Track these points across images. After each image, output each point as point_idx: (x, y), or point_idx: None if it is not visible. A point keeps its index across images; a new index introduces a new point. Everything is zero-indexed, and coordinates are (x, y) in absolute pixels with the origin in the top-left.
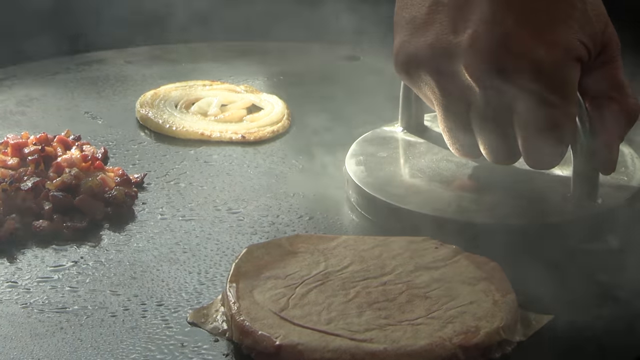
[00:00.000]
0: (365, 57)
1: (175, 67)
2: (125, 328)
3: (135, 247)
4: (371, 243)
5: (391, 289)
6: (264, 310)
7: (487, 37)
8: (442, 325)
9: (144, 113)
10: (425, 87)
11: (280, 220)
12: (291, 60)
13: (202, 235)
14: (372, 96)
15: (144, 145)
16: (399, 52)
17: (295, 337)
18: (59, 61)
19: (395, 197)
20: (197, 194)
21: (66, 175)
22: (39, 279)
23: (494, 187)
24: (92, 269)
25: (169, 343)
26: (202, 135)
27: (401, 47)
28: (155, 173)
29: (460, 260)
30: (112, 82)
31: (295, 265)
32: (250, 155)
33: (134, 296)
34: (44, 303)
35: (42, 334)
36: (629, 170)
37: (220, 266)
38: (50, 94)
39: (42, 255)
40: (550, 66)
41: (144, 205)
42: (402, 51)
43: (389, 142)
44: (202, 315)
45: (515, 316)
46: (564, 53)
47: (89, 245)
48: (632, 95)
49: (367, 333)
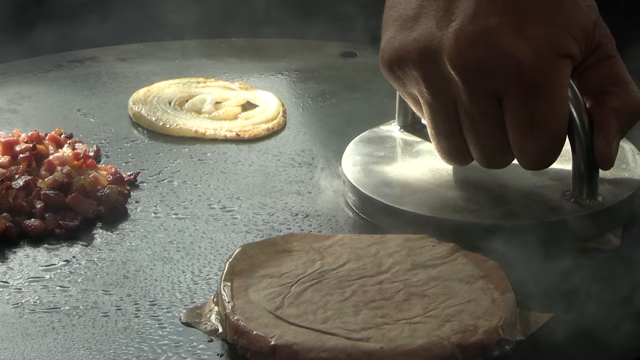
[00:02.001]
0: (362, 53)
1: (169, 64)
2: (117, 328)
3: (128, 246)
4: (367, 241)
5: (388, 287)
6: (258, 310)
7: (471, 30)
8: (439, 324)
9: (137, 110)
10: (412, 84)
11: (275, 218)
12: (286, 57)
13: (196, 234)
14: (369, 94)
15: (137, 143)
16: (384, 50)
17: (291, 336)
18: (50, 58)
19: (392, 197)
20: (191, 192)
21: (58, 173)
22: (30, 279)
23: (492, 186)
24: (85, 268)
25: (162, 343)
26: (196, 133)
27: (387, 44)
28: (148, 171)
29: (457, 258)
30: (105, 80)
31: (291, 263)
32: (245, 153)
33: (126, 296)
34: (36, 303)
35: (33, 334)
36: (630, 166)
37: (214, 265)
38: (42, 91)
39: (33, 254)
40: (533, 61)
41: (137, 203)
42: (387, 48)
43: (386, 142)
44: (196, 314)
45: (514, 315)
46: (549, 48)
47: (81, 245)
48: (636, 90)
49: (363, 332)
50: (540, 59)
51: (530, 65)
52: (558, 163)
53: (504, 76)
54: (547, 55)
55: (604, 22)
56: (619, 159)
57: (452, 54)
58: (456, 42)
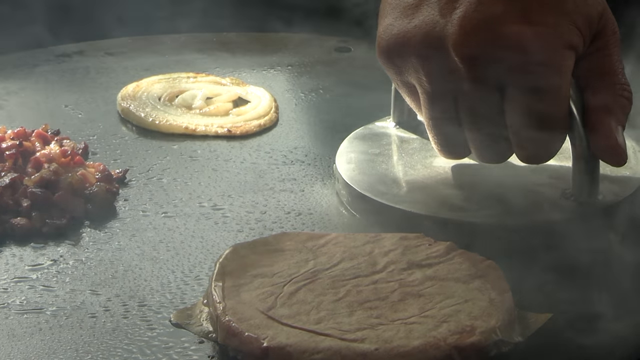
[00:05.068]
0: (357, 48)
1: (159, 58)
2: (106, 329)
3: (117, 246)
4: (362, 240)
5: (383, 287)
6: (250, 310)
7: (475, 17)
8: (436, 325)
9: (125, 106)
10: (410, 73)
11: (267, 217)
12: (279, 52)
13: (186, 233)
14: (364, 89)
15: (125, 139)
16: (382, 37)
17: (284, 337)
18: (37, 53)
19: (387, 195)
20: (181, 190)
21: (45, 171)
22: (16, 279)
23: (490, 184)
24: (72, 268)
25: (151, 345)
26: (186, 129)
27: (385, 31)
28: (137, 168)
29: (454, 257)
30: (93, 75)
31: (283, 263)
32: (237, 150)
33: (115, 296)
34: (22, 303)
35: (20, 335)
36: (631, 164)
37: (205, 265)
38: (29, 87)
39: (20, 254)
40: (537, 51)
41: (125, 202)
42: (385, 35)
43: (381, 138)
44: (186, 315)
45: (512, 315)
46: (553, 38)
47: (69, 244)
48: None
49: (358, 333)
50: (544, 49)
51: (534, 55)
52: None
53: (508, 65)
54: (552, 45)
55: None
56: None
57: (457, 40)
58: (460, 29)
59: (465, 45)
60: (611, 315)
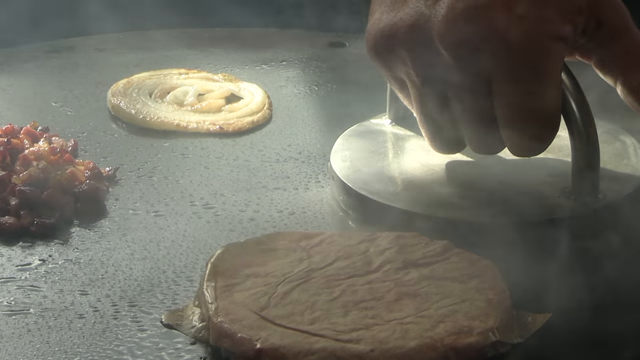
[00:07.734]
0: (351, 43)
1: (149, 54)
2: (95, 330)
3: (107, 245)
4: (357, 239)
5: (378, 286)
6: (243, 310)
7: (459, 7)
8: (433, 325)
9: (116, 103)
10: (399, 66)
11: (260, 216)
12: (272, 47)
13: (177, 232)
14: (359, 86)
15: (116, 137)
16: (370, 31)
17: (277, 338)
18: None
19: (383, 194)
20: (172, 188)
21: (34, 168)
22: (4, 279)
23: (488, 182)
24: (61, 267)
25: (142, 346)
26: (177, 126)
27: (372, 26)
28: (128, 166)
29: (451, 256)
30: (83, 71)
31: (277, 262)
32: (229, 148)
33: (104, 296)
34: (10, 304)
35: (7, 336)
36: (631, 161)
37: (196, 265)
38: (17, 83)
39: (8, 253)
40: (522, 41)
41: (116, 200)
42: (373, 29)
43: (377, 136)
44: (177, 316)
45: (510, 316)
46: (538, 28)
47: (58, 243)
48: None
49: (353, 333)
50: (528, 40)
51: (518, 45)
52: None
53: (492, 55)
54: (537, 36)
55: None
56: (620, 155)
57: (441, 29)
58: (445, 19)
59: (449, 34)
60: (612, 314)
